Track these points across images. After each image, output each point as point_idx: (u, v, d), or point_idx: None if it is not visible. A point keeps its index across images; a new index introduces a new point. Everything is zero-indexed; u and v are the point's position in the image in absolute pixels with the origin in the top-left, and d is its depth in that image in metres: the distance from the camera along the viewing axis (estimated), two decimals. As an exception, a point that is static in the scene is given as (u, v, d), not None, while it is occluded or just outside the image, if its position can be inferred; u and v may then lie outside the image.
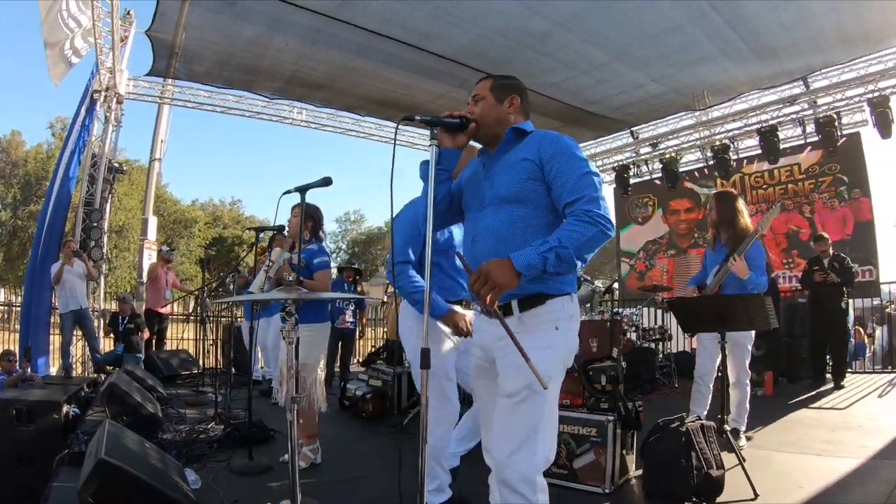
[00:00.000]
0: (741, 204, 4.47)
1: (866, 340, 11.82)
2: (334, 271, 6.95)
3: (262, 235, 5.23)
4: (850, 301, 8.14)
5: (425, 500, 1.96)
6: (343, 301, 7.10)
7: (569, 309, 2.15)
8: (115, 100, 10.17)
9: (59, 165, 9.67)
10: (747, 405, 4.51)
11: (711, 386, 4.56)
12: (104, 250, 10.13)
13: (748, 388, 4.50)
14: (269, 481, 3.80)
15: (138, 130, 45.25)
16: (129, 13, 9.55)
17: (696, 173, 12.66)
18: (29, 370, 7.47)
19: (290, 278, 3.93)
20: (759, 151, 10.94)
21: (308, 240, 4.26)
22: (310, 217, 4.20)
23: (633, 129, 12.38)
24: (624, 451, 3.67)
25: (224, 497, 3.38)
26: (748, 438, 4.63)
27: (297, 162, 77.76)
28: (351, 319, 7.67)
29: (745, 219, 4.41)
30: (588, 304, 4.51)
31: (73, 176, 9.85)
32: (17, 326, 11.06)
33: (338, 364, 7.97)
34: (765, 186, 11.54)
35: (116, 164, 10.62)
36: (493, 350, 2.15)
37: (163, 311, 9.53)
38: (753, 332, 4.39)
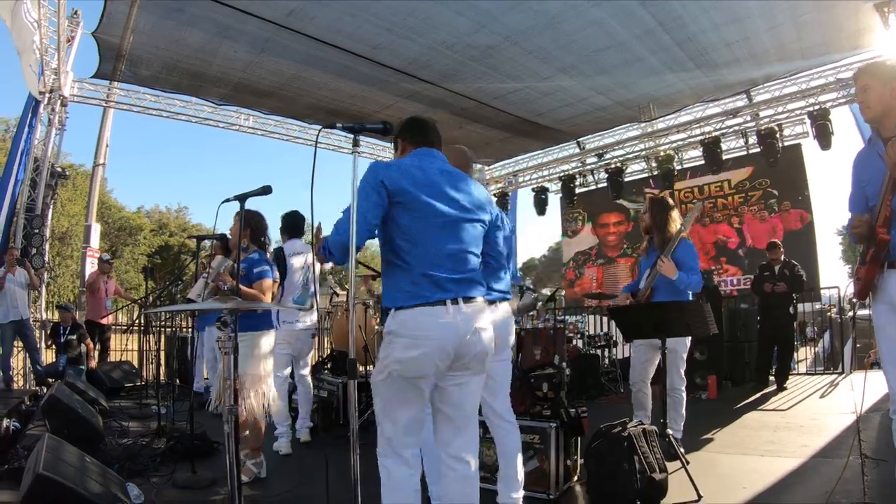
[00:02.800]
0: (675, 213, 4.55)
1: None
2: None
3: (205, 243, 5.16)
4: (798, 306, 8.44)
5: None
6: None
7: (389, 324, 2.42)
8: (59, 102, 9.85)
9: (9, 169, 9.34)
10: (683, 412, 4.54)
11: (648, 390, 4.64)
12: (45, 258, 9.78)
13: (683, 395, 4.53)
14: (212, 495, 3.75)
15: (82, 134, 44.08)
16: (76, 13, 9.31)
17: (632, 188, 13.04)
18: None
19: (227, 287, 3.88)
20: (703, 162, 11.26)
21: (245, 247, 4.23)
22: (248, 225, 4.17)
23: (579, 139, 12.57)
24: (567, 458, 3.73)
25: None
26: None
27: (245, 169, 76.72)
28: None
29: (676, 226, 4.49)
30: (532, 313, 4.57)
31: (19, 179, 9.52)
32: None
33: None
34: (694, 201, 11.92)
35: (60, 169, 10.26)
36: None
37: (104, 321, 9.27)
38: (688, 340, 4.46)
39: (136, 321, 8.66)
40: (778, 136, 10.27)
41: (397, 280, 2.37)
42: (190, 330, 7.75)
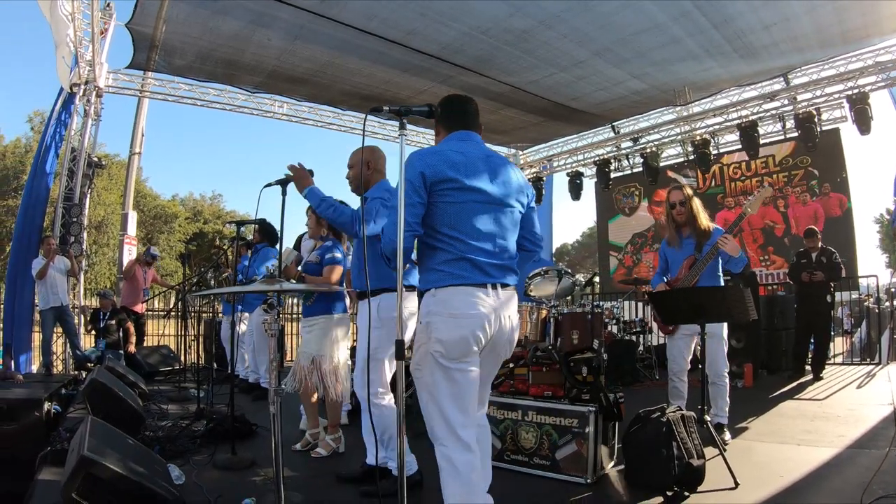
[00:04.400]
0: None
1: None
2: None
3: (242, 229, 5.21)
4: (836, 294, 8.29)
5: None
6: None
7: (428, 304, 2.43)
8: (94, 93, 10.02)
9: (37, 161, 9.56)
10: (727, 398, 4.53)
11: (685, 379, 4.62)
12: (83, 246, 10.00)
13: (727, 381, 4.51)
14: (251, 476, 3.79)
15: (116, 124, 44.75)
16: (108, 5, 9.43)
17: (675, 165, 12.84)
18: (12, 367, 7.39)
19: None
20: (740, 146, 11.04)
21: (325, 236, 4.34)
22: None
23: (613, 123, 12.41)
24: (605, 442, 3.71)
25: (208, 492, 3.36)
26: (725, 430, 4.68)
27: (278, 156, 77.42)
28: None
29: (706, 219, 4.53)
30: (569, 297, 4.54)
31: (50, 171, 9.72)
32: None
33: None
34: (742, 178, 11.80)
35: (96, 159, 10.47)
36: None
37: (138, 309, 9.44)
38: (726, 324, 4.42)
39: (175, 306, 8.81)
40: (816, 120, 9.98)
41: (438, 262, 2.36)
42: (222, 315, 7.84)
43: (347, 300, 4.53)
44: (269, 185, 3.08)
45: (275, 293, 2.30)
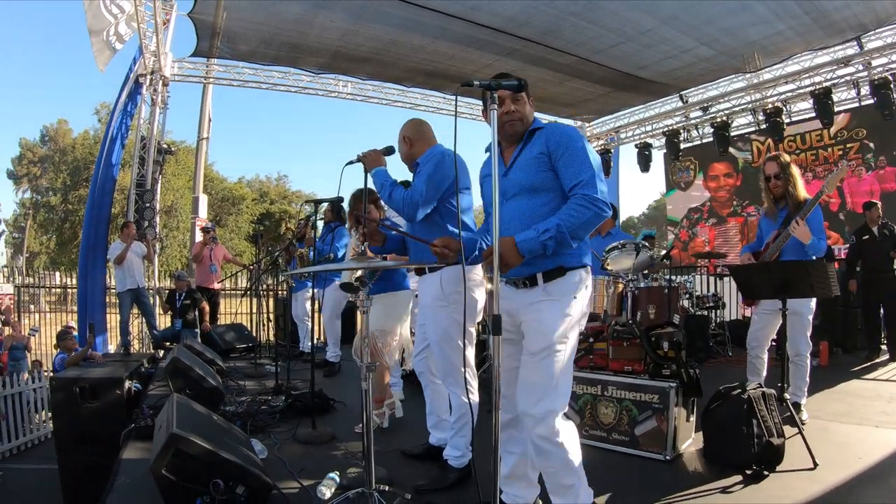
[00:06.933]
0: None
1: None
2: None
3: (305, 208, 5.29)
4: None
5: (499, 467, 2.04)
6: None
7: (585, 279, 2.44)
8: (160, 82, 10.37)
9: (102, 151, 9.93)
10: (807, 378, 4.39)
11: (765, 356, 4.51)
12: (157, 230, 10.40)
13: (808, 361, 4.36)
14: (332, 450, 3.86)
15: (180, 112, 46.04)
16: (169, -4, 9.69)
17: (735, 137, 12.47)
18: (98, 345, 7.76)
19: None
20: (813, 115, 10.58)
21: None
22: None
23: (682, 93, 12.08)
24: (685, 419, 3.66)
25: (290, 466, 3.43)
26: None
27: (343, 136, 78.38)
28: None
29: (803, 191, 4.32)
30: (646, 271, 4.45)
31: (116, 162, 10.09)
32: (74, 308, 11.49)
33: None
34: (797, 152, 11.41)
35: (165, 146, 10.85)
36: (521, 314, 2.41)
37: (213, 287, 9.70)
38: (813, 303, 4.26)
39: (249, 285, 9.07)
40: (893, 86, 9.44)
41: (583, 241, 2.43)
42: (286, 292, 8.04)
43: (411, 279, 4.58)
44: (350, 162, 3.10)
45: (367, 271, 2.34)
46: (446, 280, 3.14)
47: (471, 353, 3.27)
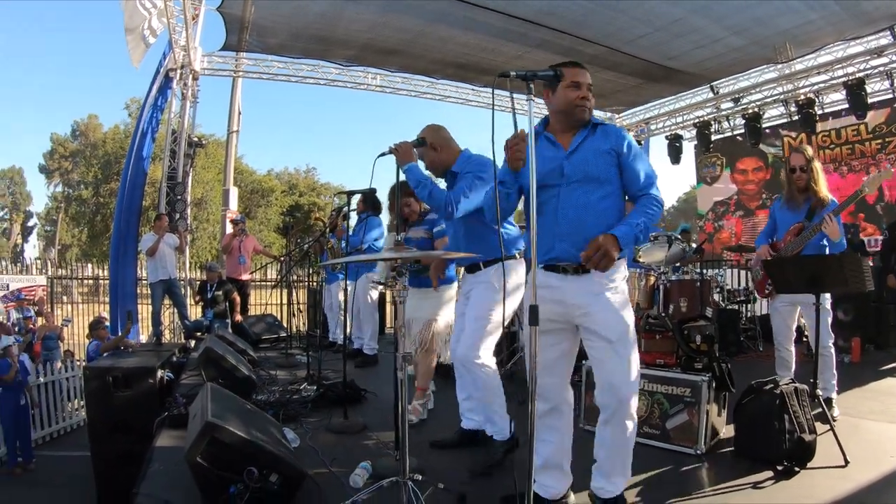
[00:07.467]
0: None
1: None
2: None
3: (335, 200, 5.33)
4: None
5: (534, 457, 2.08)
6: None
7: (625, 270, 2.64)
8: (190, 76, 10.50)
9: (133, 145, 10.10)
10: (834, 371, 4.34)
11: (793, 349, 4.46)
12: (188, 222, 10.56)
13: (832, 351, 4.31)
14: (364, 440, 3.89)
15: (209, 105, 46.46)
16: (198, -9, 9.80)
17: (768, 132, 12.28)
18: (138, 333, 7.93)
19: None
20: (846, 106, 10.39)
21: (428, 211, 4.40)
22: None
23: (712, 83, 11.93)
24: (716, 413, 3.64)
25: (323, 455, 3.45)
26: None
27: (372, 127, 78.69)
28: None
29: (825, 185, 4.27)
30: (677, 264, 4.41)
31: (146, 155, 10.26)
32: (106, 299, 11.73)
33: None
34: (832, 146, 11.21)
35: (195, 139, 11.00)
36: (586, 305, 2.46)
37: (243, 278, 9.76)
38: (829, 294, 4.18)
39: (282, 276, 9.16)
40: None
41: None
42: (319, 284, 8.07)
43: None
44: (383, 154, 3.12)
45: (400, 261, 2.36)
46: (496, 276, 3.27)
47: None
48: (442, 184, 3.57)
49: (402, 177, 3.24)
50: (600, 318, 2.45)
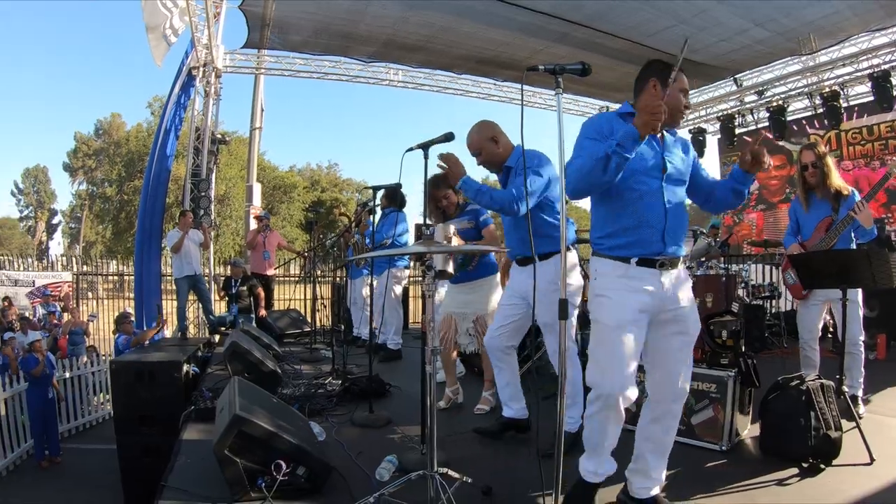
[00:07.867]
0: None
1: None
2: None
3: (359, 196, 5.37)
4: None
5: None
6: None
7: None
8: (213, 74, 10.60)
9: (156, 143, 10.22)
10: (862, 369, 4.28)
11: (818, 347, 4.43)
12: (213, 218, 10.67)
13: (862, 349, 4.25)
14: (389, 434, 3.92)
15: (231, 102, 46.82)
16: (220, -11, 9.88)
17: (794, 126, 12.11)
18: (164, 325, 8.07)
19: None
20: (872, 98, 10.21)
21: (467, 202, 4.39)
22: None
23: (736, 76, 11.81)
24: (741, 409, 3.62)
25: (348, 449, 3.48)
26: (866, 402, 4.41)
27: (393, 123, 78.87)
28: None
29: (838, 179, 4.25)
30: (702, 258, 4.38)
31: (170, 153, 10.37)
32: (130, 295, 11.92)
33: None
34: (863, 142, 11.06)
35: (219, 136, 11.11)
36: (681, 301, 2.52)
37: (266, 273, 9.76)
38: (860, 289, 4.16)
39: (304, 271, 9.22)
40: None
41: None
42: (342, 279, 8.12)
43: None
44: (411, 149, 3.11)
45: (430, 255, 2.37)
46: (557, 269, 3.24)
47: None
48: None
49: (436, 170, 3.22)
50: (689, 313, 2.53)
